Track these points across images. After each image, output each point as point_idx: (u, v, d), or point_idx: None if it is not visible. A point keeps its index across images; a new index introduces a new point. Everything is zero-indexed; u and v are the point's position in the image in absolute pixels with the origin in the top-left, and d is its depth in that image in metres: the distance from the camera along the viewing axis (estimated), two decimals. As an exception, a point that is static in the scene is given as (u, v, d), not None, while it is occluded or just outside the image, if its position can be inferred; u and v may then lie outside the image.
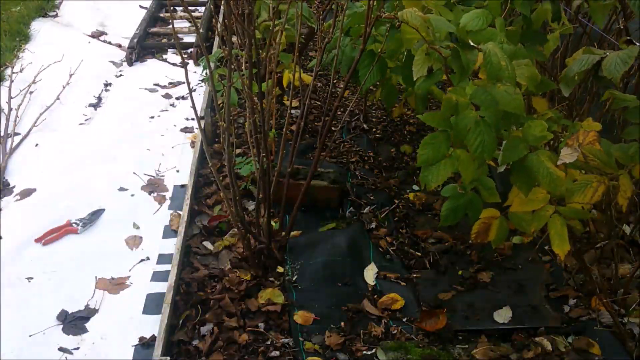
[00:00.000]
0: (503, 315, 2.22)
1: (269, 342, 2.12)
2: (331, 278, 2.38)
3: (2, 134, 3.32)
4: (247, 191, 2.81)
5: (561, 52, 2.75)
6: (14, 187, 2.97)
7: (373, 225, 2.72)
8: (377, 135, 3.47)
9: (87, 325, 2.22)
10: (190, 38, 4.73)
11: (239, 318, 2.20)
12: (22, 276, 2.42)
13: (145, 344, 2.14)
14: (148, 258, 2.56)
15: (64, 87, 3.85)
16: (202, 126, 2.35)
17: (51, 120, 3.56)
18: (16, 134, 3.38)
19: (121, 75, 4.23)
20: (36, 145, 3.33)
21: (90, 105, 3.79)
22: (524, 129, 1.75)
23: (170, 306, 2.18)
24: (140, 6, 5.32)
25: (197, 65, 4.24)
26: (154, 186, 3.03)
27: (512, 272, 2.45)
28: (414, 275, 2.46)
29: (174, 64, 4.42)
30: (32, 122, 3.46)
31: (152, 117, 3.67)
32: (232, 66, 2.06)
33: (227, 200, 2.28)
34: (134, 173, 3.09)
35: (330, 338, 2.13)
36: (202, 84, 3.96)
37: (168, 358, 1.98)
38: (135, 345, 2.14)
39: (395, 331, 2.18)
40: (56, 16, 5.05)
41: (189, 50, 4.46)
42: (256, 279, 2.36)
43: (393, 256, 2.57)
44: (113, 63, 4.37)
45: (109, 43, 4.72)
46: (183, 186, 2.99)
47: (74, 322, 2.23)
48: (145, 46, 4.58)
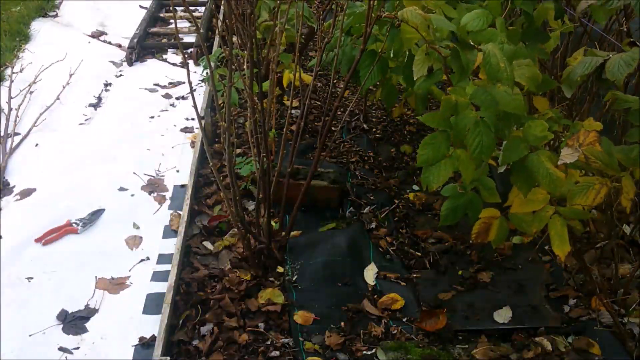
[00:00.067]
0: (503, 315, 2.22)
1: (269, 342, 2.12)
2: (331, 278, 2.38)
3: (2, 134, 3.32)
4: (247, 191, 2.81)
5: (561, 52, 2.75)
6: (14, 187, 2.97)
7: (373, 225, 2.72)
8: (377, 135, 3.47)
9: (87, 325, 2.22)
10: (190, 38, 4.73)
11: (239, 318, 2.20)
12: (22, 276, 2.42)
13: (145, 344, 2.14)
14: (148, 258, 2.56)
15: (64, 87, 3.85)
16: (203, 126, 2.35)
17: (51, 120, 3.55)
18: (16, 134, 3.38)
19: (121, 75, 4.23)
20: (36, 145, 3.33)
21: (90, 105, 3.79)
22: (525, 129, 1.75)
23: (170, 306, 2.18)
24: (140, 6, 5.31)
25: (197, 65, 4.23)
26: (154, 186, 3.03)
27: (512, 272, 2.45)
28: (414, 275, 2.46)
29: (174, 64, 4.42)
30: (32, 122, 3.46)
31: (152, 117, 3.67)
32: (233, 66, 2.06)
33: (227, 200, 2.28)
34: (134, 173, 3.09)
35: (330, 338, 2.13)
36: (202, 84, 3.95)
37: (168, 358, 1.98)
38: (135, 345, 2.14)
39: (395, 331, 2.18)
40: (56, 16, 5.05)
41: (189, 50, 4.46)
42: (256, 279, 2.36)
43: (393, 256, 2.57)
44: (113, 63, 4.37)
45: (109, 43, 4.71)
46: (183, 186, 2.99)
47: (74, 322, 2.23)
48: (145, 46, 4.58)
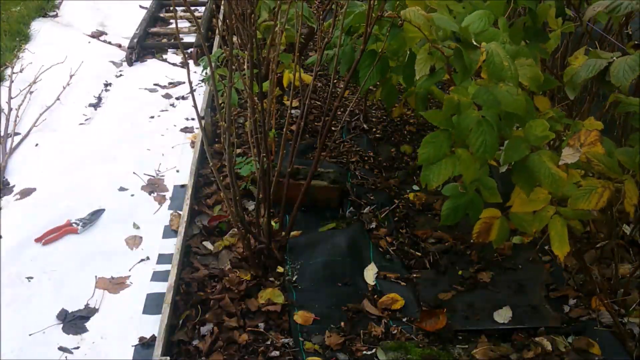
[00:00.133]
0: (503, 315, 2.22)
1: (269, 342, 2.12)
2: (331, 278, 2.38)
3: (2, 134, 3.32)
4: (247, 191, 2.81)
5: (561, 52, 2.75)
6: (14, 187, 2.97)
7: (373, 225, 2.71)
8: (377, 135, 3.47)
9: (87, 324, 2.22)
10: (190, 38, 4.73)
11: (239, 318, 2.20)
12: (22, 276, 2.42)
13: (145, 344, 2.14)
14: (148, 258, 2.56)
15: (64, 87, 3.85)
16: (203, 126, 2.35)
17: (51, 120, 3.55)
18: (16, 134, 3.38)
19: (121, 75, 4.23)
20: (36, 145, 3.33)
21: (90, 105, 3.79)
22: (526, 129, 1.75)
23: (170, 306, 2.18)
24: (140, 6, 5.31)
25: (197, 65, 4.23)
26: (154, 186, 3.03)
27: (512, 272, 2.45)
28: (414, 275, 2.46)
29: (174, 64, 4.42)
30: (32, 122, 3.46)
31: (152, 117, 3.67)
32: (233, 66, 2.06)
33: (227, 200, 2.28)
34: (134, 173, 3.09)
35: (330, 338, 2.13)
36: (202, 84, 3.95)
37: (168, 358, 1.98)
38: (135, 345, 2.14)
39: (395, 331, 2.18)
40: (56, 16, 5.05)
41: (189, 50, 4.46)
42: (256, 279, 2.35)
43: (393, 256, 2.57)
44: (113, 63, 4.37)
45: (109, 43, 4.71)
46: (183, 186, 2.99)
47: (74, 322, 2.23)
48: (145, 46, 4.58)
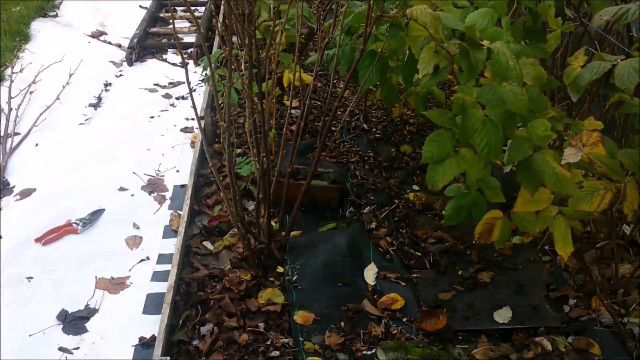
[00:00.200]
0: (503, 315, 2.22)
1: (269, 342, 2.12)
2: (331, 278, 2.38)
3: (2, 134, 3.32)
4: (247, 191, 2.81)
5: (561, 52, 2.75)
6: (14, 187, 2.97)
7: (373, 225, 2.71)
8: (377, 135, 3.47)
9: (87, 325, 2.22)
10: (190, 38, 4.73)
11: (239, 318, 2.20)
12: (22, 276, 2.42)
13: (145, 344, 2.14)
14: (148, 258, 2.56)
15: (64, 87, 3.85)
16: (202, 126, 2.35)
17: (51, 120, 3.55)
18: (16, 134, 3.38)
19: (121, 75, 4.23)
20: (36, 145, 3.33)
21: (90, 105, 3.79)
22: (528, 129, 1.75)
23: (170, 306, 2.18)
24: (140, 6, 5.31)
25: (197, 65, 4.23)
26: (154, 186, 3.03)
27: (512, 272, 2.45)
28: (414, 275, 2.46)
29: (174, 64, 4.42)
30: (32, 122, 3.46)
31: (152, 117, 3.67)
32: (232, 66, 2.06)
33: (227, 200, 2.28)
34: (134, 173, 3.09)
35: (330, 338, 2.13)
36: (202, 84, 3.96)
37: (168, 358, 1.98)
38: (135, 345, 2.14)
39: (395, 331, 2.18)
40: (56, 16, 5.05)
41: (189, 50, 4.46)
42: (256, 279, 2.35)
43: (393, 256, 2.56)
44: (113, 63, 4.37)
45: (109, 43, 4.71)
46: (183, 186, 2.99)
47: (74, 322, 2.23)
48: (145, 46, 4.58)
